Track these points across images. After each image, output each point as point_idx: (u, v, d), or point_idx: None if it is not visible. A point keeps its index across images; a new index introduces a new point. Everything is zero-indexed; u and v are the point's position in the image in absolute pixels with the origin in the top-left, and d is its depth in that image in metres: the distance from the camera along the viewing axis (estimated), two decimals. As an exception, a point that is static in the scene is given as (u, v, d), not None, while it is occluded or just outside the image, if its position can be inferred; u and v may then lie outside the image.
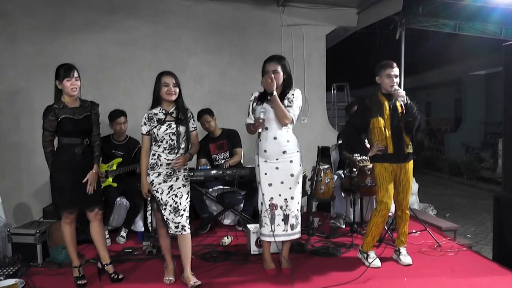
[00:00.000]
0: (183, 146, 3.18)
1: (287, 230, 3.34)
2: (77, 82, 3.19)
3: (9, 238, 3.79)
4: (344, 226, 4.59)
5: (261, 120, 3.21)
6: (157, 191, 3.16)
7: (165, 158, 3.15)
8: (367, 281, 3.23)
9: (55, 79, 3.19)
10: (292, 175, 3.31)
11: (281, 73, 3.26)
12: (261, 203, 3.35)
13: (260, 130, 3.25)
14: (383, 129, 3.45)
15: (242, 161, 4.86)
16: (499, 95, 4.40)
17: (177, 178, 3.19)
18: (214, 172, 4.40)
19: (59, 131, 3.19)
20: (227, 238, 4.17)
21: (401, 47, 5.83)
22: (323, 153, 4.66)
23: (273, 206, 3.33)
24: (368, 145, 3.66)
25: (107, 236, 3.98)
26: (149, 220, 3.97)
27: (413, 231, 4.35)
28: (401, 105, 3.38)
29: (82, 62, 4.84)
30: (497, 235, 3.94)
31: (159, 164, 3.15)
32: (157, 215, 3.24)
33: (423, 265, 3.55)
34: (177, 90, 3.17)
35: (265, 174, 3.32)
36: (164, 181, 3.16)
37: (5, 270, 3.44)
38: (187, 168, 3.29)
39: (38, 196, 5.10)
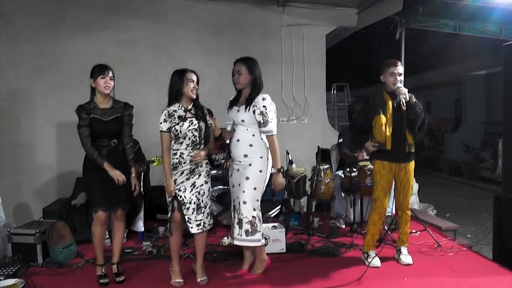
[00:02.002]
0: (203, 141, 3.21)
1: (240, 235, 3.24)
2: (111, 82, 3.23)
3: (9, 238, 3.79)
4: (344, 226, 4.59)
5: (226, 134, 3.32)
6: (179, 190, 3.14)
7: (188, 155, 3.15)
8: (367, 281, 3.23)
9: (90, 77, 3.24)
10: (247, 178, 3.22)
11: (245, 74, 3.25)
12: (232, 204, 3.41)
13: (228, 141, 3.34)
14: (384, 126, 3.45)
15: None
16: (499, 95, 4.40)
17: (199, 175, 3.20)
18: (214, 172, 4.40)
19: None
20: (227, 238, 4.16)
21: (401, 47, 5.83)
22: (323, 155, 4.67)
23: (234, 208, 3.34)
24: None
25: (107, 237, 3.97)
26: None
27: (413, 231, 4.34)
28: (403, 103, 3.40)
29: (82, 62, 4.87)
30: (497, 235, 3.94)
31: (182, 162, 3.14)
32: (175, 215, 3.19)
33: (423, 265, 3.55)
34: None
35: (231, 175, 3.36)
36: (187, 179, 3.16)
37: (5, 270, 3.44)
38: (208, 163, 3.30)
39: (38, 196, 5.10)
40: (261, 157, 3.25)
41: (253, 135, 3.25)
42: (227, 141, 3.37)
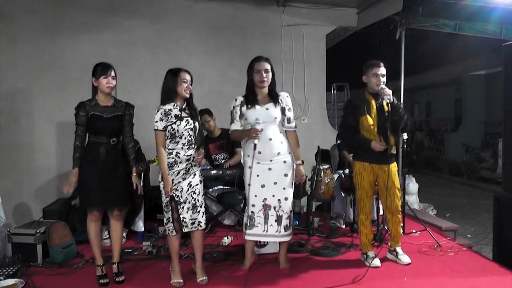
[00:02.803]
0: (197, 141, 3.22)
1: (280, 231, 3.35)
2: (113, 81, 3.24)
3: (9, 238, 3.78)
4: (344, 226, 4.58)
5: (259, 133, 3.18)
6: (176, 190, 3.14)
7: (184, 155, 3.15)
8: (367, 281, 3.23)
9: (92, 76, 3.24)
10: (286, 175, 3.33)
11: (271, 72, 3.33)
12: (252, 205, 3.35)
13: (256, 141, 3.20)
14: (371, 127, 3.46)
15: (242, 161, 4.85)
16: (499, 95, 4.40)
17: (194, 175, 3.21)
18: (214, 172, 4.40)
19: (88, 128, 3.22)
20: (227, 238, 4.17)
21: (401, 47, 5.82)
22: (323, 155, 4.66)
23: (266, 207, 3.34)
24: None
25: (107, 237, 3.98)
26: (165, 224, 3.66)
27: (413, 231, 4.35)
28: (387, 104, 3.40)
29: (82, 62, 4.87)
30: (497, 235, 3.94)
31: (178, 162, 3.14)
32: (174, 215, 3.18)
33: (423, 265, 3.55)
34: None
35: (257, 176, 3.31)
36: (184, 179, 3.16)
37: (5, 270, 3.43)
38: (201, 163, 3.32)
39: (38, 196, 5.10)
40: (289, 153, 3.36)
41: (281, 133, 3.35)
42: (256, 141, 3.19)
